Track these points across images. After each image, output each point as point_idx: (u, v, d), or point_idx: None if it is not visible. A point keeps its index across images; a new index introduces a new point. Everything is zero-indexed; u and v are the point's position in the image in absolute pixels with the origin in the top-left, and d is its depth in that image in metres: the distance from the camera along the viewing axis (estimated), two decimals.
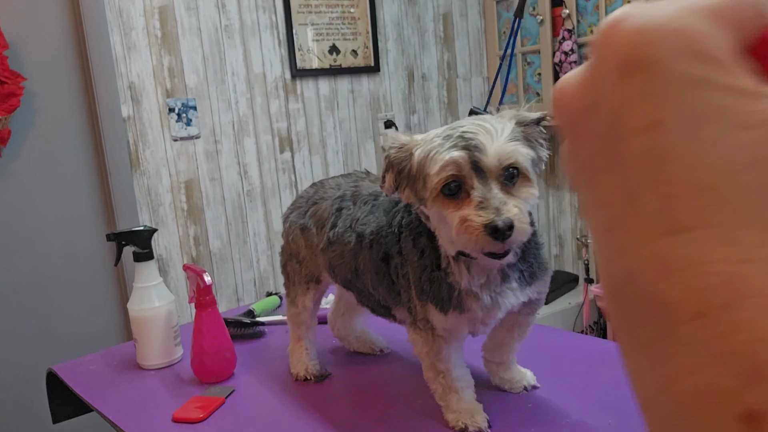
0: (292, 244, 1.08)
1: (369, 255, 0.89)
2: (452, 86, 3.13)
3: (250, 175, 2.56)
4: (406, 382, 1.05)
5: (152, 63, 2.31)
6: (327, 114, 2.74)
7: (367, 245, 0.89)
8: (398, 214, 0.85)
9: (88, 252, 2.27)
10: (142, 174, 2.32)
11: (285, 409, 0.98)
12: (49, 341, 2.22)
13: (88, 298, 2.29)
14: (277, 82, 2.59)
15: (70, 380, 1.17)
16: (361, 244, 0.90)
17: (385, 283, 0.87)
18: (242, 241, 2.56)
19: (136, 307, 1.18)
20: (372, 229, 0.88)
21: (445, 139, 0.70)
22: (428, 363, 0.86)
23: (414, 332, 0.86)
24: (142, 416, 1.00)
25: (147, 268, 1.19)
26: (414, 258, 0.80)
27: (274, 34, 2.57)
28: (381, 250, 0.86)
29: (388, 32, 2.88)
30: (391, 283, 0.86)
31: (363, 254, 0.90)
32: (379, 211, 0.89)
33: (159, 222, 2.36)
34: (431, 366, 0.86)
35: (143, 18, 2.28)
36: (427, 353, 0.85)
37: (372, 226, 0.88)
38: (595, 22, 2.56)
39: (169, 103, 2.35)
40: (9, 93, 2.03)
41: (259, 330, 1.35)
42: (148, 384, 1.13)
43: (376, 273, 0.88)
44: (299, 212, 1.06)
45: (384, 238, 0.86)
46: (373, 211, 0.90)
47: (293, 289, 1.10)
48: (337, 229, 0.95)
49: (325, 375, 1.09)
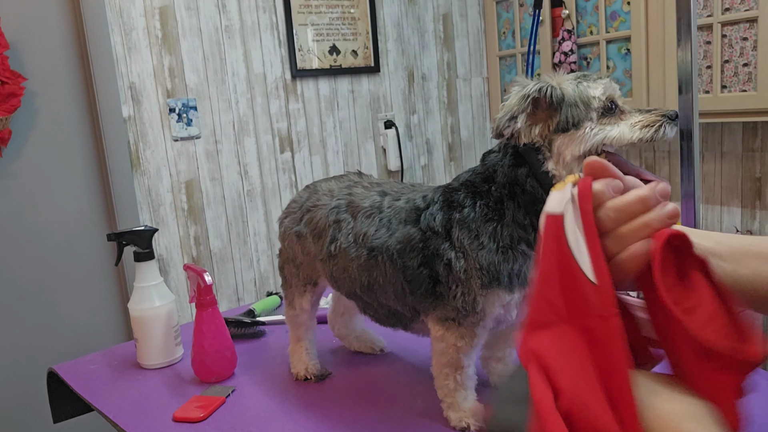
0: (289, 249, 1.09)
1: (392, 268, 0.89)
2: (452, 86, 3.14)
3: (251, 175, 2.56)
4: (406, 381, 1.05)
5: (153, 63, 2.31)
6: (327, 114, 2.74)
7: (387, 259, 0.89)
8: (434, 217, 0.86)
9: (88, 252, 2.28)
10: (142, 174, 2.32)
11: (285, 409, 0.99)
12: (50, 341, 2.22)
13: (89, 298, 2.29)
14: (277, 83, 2.59)
15: (70, 380, 1.18)
16: (377, 259, 0.90)
17: (422, 289, 0.87)
18: (242, 240, 2.56)
19: (137, 306, 1.18)
20: (396, 241, 0.88)
21: (582, 78, 0.81)
22: (452, 358, 0.87)
23: (446, 328, 0.86)
24: (142, 416, 1.00)
25: (148, 267, 1.20)
26: (479, 246, 0.82)
27: (275, 34, 2.58)
28: (416, 257, 0.87)
29: (388, 32, 2.88)
30: (432, 286, 0.86)
31: (381, 269, 0.90)
32: (395, 222, 0.90)
33: (159, 222, 2.37)
34: (454, 361, 0.87)
35: (144, 18, 2.28)
36: (458, 348, 0.86)
37: (393, 238, 0.89)
38: (594, 23, 2.56)
39: (169, 103, 2.35)
40: (10, 93, 2.03)
41: (260, 330, 1.35)
42: (148, 383, 1.13)
43: (409, 282, 0.88)
44: (293, 218, 1.07)
45: (420, 244, 0.86)
46: (384, 224, 0.91)
47: (291, 291, 1.10)
48: (339, 243, 0.95)
49: (325, 375, 1.09)
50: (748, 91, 2.08)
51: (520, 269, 0.82)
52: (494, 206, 0.82)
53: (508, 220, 0.81)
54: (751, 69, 2.06)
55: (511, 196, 0.81)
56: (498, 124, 0.79)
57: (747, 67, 2.08)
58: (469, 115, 3.20)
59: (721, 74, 2.15)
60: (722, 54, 2.13)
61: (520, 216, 0.81)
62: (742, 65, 2.09)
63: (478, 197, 0.83)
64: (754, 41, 2.03)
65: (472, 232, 0.82)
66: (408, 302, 0.90)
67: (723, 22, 2.10)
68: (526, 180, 0.80)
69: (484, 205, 0.82)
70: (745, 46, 2.07)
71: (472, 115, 3.21)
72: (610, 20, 2.50)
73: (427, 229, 0.86)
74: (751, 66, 2.06)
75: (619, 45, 2.49)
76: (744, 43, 2.07)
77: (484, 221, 0.82)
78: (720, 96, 2.15)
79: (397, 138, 2.89)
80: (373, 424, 0.91)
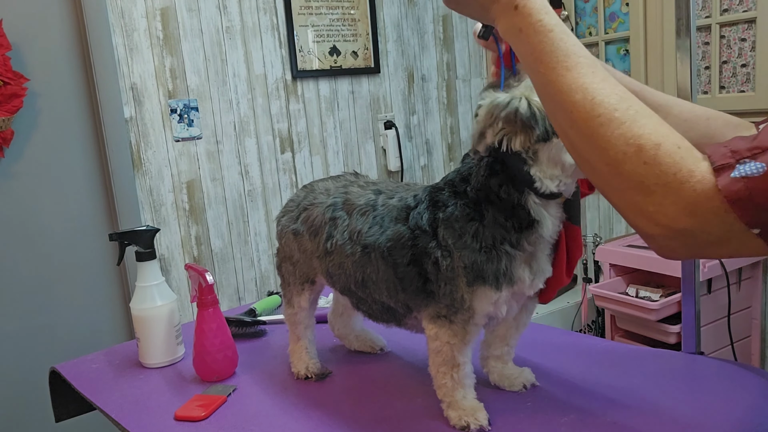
0: (286, 247, 1.10)
1: (384, 265, 0.90)
2: (452, 87, 3.14)
3: (251, 175, 2.57)
4: (406, 380, 1.06)
5: (154, 64, 2.32)
6: (327, 115, 2.75)
7: (379, 256, 0.90)
8: (421, 216, 0.86)
9: (90, 252, 2.29)
10: (144, 174, 2.33)
11: (286, 408, 0.99)
12: (52, 340, 2.23)
13: (91, 298, 2.30)
14: (278, 83, 2.60)
15: (72, 379, 1.18)
16: (371, 256, 0.91)
17: (413, 286, 0.88)
18: (243, 240, 2.57)
19: (139, 306, 1.19)
20: (387, 238, 0.89)
21: None
22: (447, 355, 0.87)
23: (438, 326, 0.87)
24: (144, 414, 1.01)
25: (149, 267, 1.21)
26: (463, 246, 0.82)
27: (275, 35, 2.58)
28: (406, 255, 0.87)
29: (388, 34, 2.89)
30: (423, 284, 0.87)
31: (373, 265, 0.91)
32: (386, 220, 0.91)
33: (161, 222, 2.37)
34: (449, 359, 0.88)
35: (145, 19, 2.29)
36: (452, 345, 0.87)
37: (384, 236, 0.90)
38: (593, 24, 2.57)
39: (170, 104, 2.36)
40: (12, 94, 2.04)
41: (261, 329, 1.36)
42: (150, 382, 1.14)
43: (400, 279, 0.89)
44: (290, 216, 1.08)
45: (409, 242, 0.87)
46: (378, 222, 0.92)
47: (289, 290, 1.11)
48: (335, 239, 0.96)
49: (325, 373, 1.10)
50: (746, 91, 2.09)
51: (506, 268, 0.82)
52: (474, 206, 0.83)
53: (489, 221, 0.81)
54: (750, 70, 2.07)
55: (488, 200, 0.82)
56: (472, 142, 0.80)
57: (745, 68, 2.08)
58: (468, 116, 3.21)
59: (720, 75, 2.16)
60: (720, 55, 2.14)
61: (501, 218, 0.81)
62: (740, 66, 2.10)
63: (458, 197, 0.84)
64: (753, 42, 2.04)
65: (456, 231, 0.83)
66: (400, 299, 0.91)
67: (721, 23, 2.11)
68: (499, 189, 0.80)
69: (465, 205, 0.83)
70: (744, 46, 2.07)
71: (472, 116, 3.22)
72: (609, 21, 2.50)
73: (415, 227, 0.87)
74: (750, 67, 2.07)
75: (618, 46, 2.50)
76: (742, 44, 2.08)
77: (466, 220, 0.82)
78: (718, 96, 2.16)
79: (396, 138, 2.90)
80: (373, 422, 0.92)
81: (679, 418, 0.84)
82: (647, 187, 0.54)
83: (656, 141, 0.54)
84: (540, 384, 0.98)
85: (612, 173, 0.57)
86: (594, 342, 1.16)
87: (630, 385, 0.95)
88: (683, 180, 0.52)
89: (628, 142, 0.55)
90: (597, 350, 1.10)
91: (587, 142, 0.59)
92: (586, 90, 0.60)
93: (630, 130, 0.56)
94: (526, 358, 1.08)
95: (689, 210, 0.52)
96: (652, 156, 0.54)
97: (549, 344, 1.15)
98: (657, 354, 1.07)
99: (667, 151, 0.54)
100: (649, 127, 0.56)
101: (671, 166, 0.53)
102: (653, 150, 0.54)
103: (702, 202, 0.52)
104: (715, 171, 0.52)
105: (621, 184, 0.57)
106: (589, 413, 0.88)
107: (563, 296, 2.88)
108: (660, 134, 0.55)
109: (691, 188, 0.52)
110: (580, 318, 2.76)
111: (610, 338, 2.48)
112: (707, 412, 0.85)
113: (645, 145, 0.54)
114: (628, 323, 2.34)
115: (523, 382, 0.98)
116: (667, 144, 0.54)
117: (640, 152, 0.54)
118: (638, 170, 0.54)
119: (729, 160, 0.52)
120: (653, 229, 0.55)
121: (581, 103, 0.60)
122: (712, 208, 0.51)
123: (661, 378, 0.96)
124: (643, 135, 0.55)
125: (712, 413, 0.84)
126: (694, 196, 0.52)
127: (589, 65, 0.62)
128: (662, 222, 0.54)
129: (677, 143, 0.54)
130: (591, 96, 0.59)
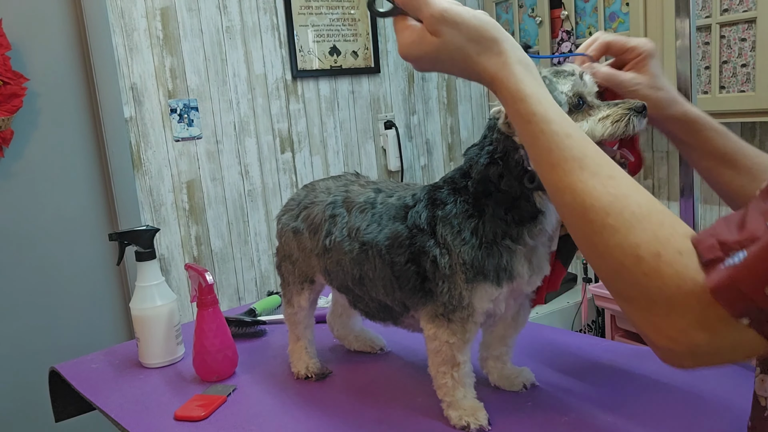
0: (285, 246, 1.10)
1: (381, 263, 0.90)
2: (452, 87, 3.14)
3: (252, 175, 2.57)
4: (406, 380, 1.06)
5: (154, 64, 2.32)
6: (327, 115, 2.75)
7: (376, 254, 0.90)
8: (420, 214, 0.86)
9: (90, 251, 2.29)
10: (144, 174, 2.33)
11: (286, 408, 0.99)
12: (52, 340, 2.23)
13: (91, 298, 2.30)
14: (278, 83, 2.60)
15: (72, 379, 1.18)
16: (368, 253, 0.91)
17: (410, 284, 0.88)
18: (243, 240, 2.57)
19: (138, 306, 1.19)
20: (385, 237, 0.89)
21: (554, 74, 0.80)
22: (447, 355, 0.87)
23: (437, 326, 0.87)
24: (144, 414, 1.01)
25: (149, 267, 1.21)
26: (462, 242, 0.82)
27: (275, 35, 2.58)
28: (404, 253, 0.87)
29: (388, 33, 2.89)
30: (420, 282, 0.87)
31: (371, 263, 0.91)
32: (385, 219, 0.91)
33: (161, 222, 2.37)
34: (449, 359, 0.87)
35: (145, 19, 2.29)
36: (451, 344, 0.86)
37: (382, 234, 0.90)
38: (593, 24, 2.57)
39: (170, 104, 2.36)
40: (12, 94, 2.04)
41: (261, 329, 1.36)
42: (150, 382, 1.14)
43: (397, 278, 0.89)
44: (291, 215, 1.08)
45: (408, 240, 0.87)
46: (376, 220, 0.92)
47: (288, 289, 1.11)
48: (334, 236, 0.96)
49: (325, 373, 1.10)
50: (746, 91, 2.09)
51: (506, 264, 0.82)
52: (473, 202, 0.83)
53: (489, 216, 0.81)
54: (750, 69, 2.07)
55: (487, 193, 0.82)
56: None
57: (745, 68, 2.08)
58: (468, 116, 3.21)
59: (720, 75, 2.16)
60: (720, 55, 2.14)
61: (501, 212, 0.81)
62: (740, 66, 2.10)
63: (458, 194, 0.84)
64: (753, 42, 2.04)
65: (455, 228, 0.83)
66: (397, 297, 0.91)
67: (721, 22, 2.11)
68: (499, 180, 0.80)
69: (464, 202, 0.83)
70: (744, 46, 2.07)
71: (472, 116, 3.22)
72: (609, 21, 2.50)
73: (413, 226, 0.87)
74: (750, 66, 2.07)
75: None
76: (742, 44, 2.08)
77: (465, 217, 0.82)
78: (718, 96, 2.16)
79: (397, 138, 2.90)
80: (373, 422, 0.92)
81: (679, 418, 0.84)
82: (650, 299, 0.50)
83: (655, 250, 0.50)
84: (540, 384, 0.98)
85: (612, 280, 0.54)
86: (594, 342, 1.16)
87: (630, 385, 0.95)
88: (688, 291, 0.48)
89: (625, 253, 0.52)
90: (597, 350, 1.10)
91: (583, 245, 0.56)
92: (575, 192, 0.56)
93: (626, 239, 0.52)
94: (526, 358, 1.08)
95: (699, 323, 0.48)
96: (653, 267, 0.50)
97: (549, 344, 1.15)
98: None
99: (668, 260, 0.49)
100: (648, 233, 0.51)
101: (673, 277, 0.49)
102: (653, 260, 0.50)
103: (709, 312, 0.47)
104: (704, 267, 0.48)
105: (624, 291, 0.53)
106: (588, 413, 0.88)
107: (563, 296, 2.88)
108: (660, 241, 0.50)
109: (697, 299, 0.47)
110: (580, 318, 2.76)
111: (610, 338, 2.48)
112: (707, 413, 0.85)
113: (643, 256, 0.50)
114: (628, 323, 2.34)
115: (523, 382, 0.98)
116: (668, 252, 0.50)
117: (639, 263, 0.51)
118: (640, 281, 0.51)
119: (718, 253, 0.47)
120: (662, 342, 0.51)
121: (571, 205, 0.57)
122: (718, 315, 0.47)
123: (661, 378, 0.96)
124: (640, 245, 0.51)
125: (712, 413, 0.85)
126: (700, 308, 0.47)
127: (576, 158, 0.58)
128: (671, 335, 0.49)
129: (679, 248, 0.50)
130: (581, 199, 0.56)
